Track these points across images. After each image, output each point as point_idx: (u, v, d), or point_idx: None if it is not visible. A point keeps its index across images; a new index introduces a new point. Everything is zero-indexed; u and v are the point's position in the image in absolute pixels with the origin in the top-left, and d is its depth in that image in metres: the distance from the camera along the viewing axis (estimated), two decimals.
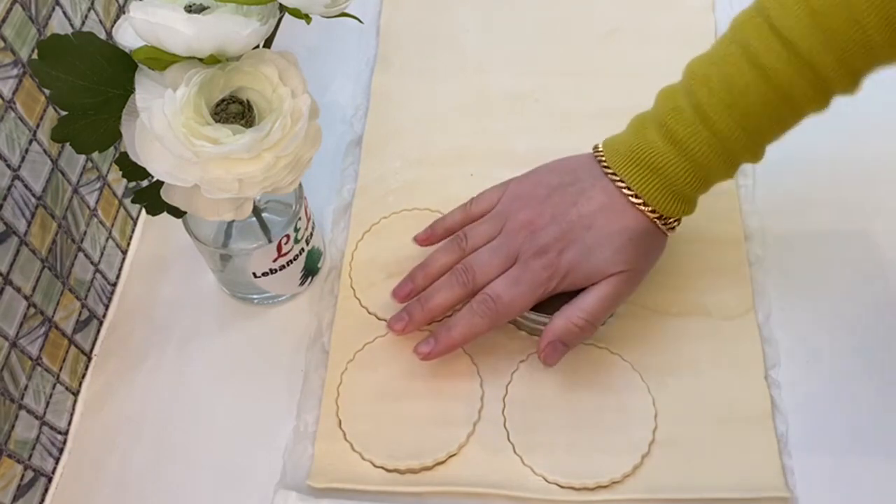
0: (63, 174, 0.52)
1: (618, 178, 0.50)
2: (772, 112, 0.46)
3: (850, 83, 0.46)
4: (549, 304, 0.51)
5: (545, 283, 0.50)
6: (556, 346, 0.50)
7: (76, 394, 0.55)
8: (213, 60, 0.41)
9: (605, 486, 0.48)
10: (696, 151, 0.47)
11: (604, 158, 0.51)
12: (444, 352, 0.51)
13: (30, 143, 0.48)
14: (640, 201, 0.49)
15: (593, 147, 0.52)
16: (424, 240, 0.56)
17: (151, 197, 0.47)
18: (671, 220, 0.50)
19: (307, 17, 0.42)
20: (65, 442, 0.53)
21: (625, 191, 0.50)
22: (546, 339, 0.50)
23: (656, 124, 0.49)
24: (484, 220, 0.53)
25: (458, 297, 0.51)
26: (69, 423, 0.54)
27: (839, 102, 0.62)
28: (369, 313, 0.56)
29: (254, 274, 0.54)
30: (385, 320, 0.55)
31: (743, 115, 0.46)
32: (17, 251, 0.47)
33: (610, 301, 0.50)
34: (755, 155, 0.49)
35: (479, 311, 0.50)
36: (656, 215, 0.50)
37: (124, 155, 0.43)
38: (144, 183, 0.47)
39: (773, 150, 0.60)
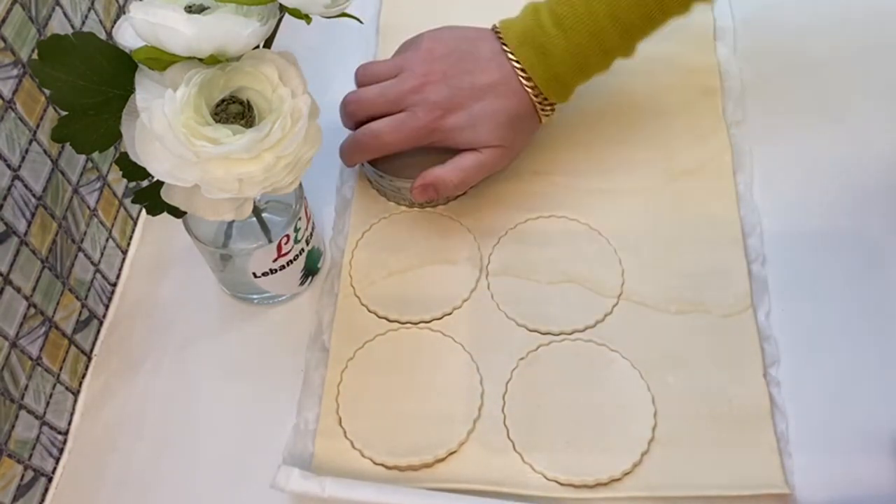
0: (63, 174, 0.52)
1: (513, 58, 0.55)
2: (644, 10, 0.53)
3: None
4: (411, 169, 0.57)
5: (424, 137, 0.56)
6: (428, 189, 0.56)
7: (76, 394, 0.55)
8: (213, 60, 0.41)
9: (604, 484, 0.48)
10: (579, 38, 0.54)
11: (503, 38, 0.56)
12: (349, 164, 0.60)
13: (30, 143, 0.48)
14: (529, 82, 0.55)
15: (492, 26, 0.58)
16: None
17: (151, 197, 0.47)
18: (548, 104, 0.56)
19: (307, 17, 0.42)
20: (65, 442, 0.53)
21: (518, 70, 0.55)
22: (421, 181, 0.56)
23: (548, 10, 0.54)
24: (385, 61, 0.59)
25: (346, 124, 0.59)
26: (69, 423, 0.54)
27: (839, 102, 0.63)
28: (369, 311, 0.56)
29: (254, 274, 0.54)
30: (386, 318, 0.55)
31: (619, 9, 0.53)
32: (18, 251, 0.47)
33: (484, 169, 0.57)
34: (628, 49, 0.55)
35: (360, 143, 0.57)
36: (539, 98, 0.56)
37: (124, 155, 0.43)
38: (144, 183, 0.47)
39: (771, 149, 0.61)
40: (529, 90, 0.55)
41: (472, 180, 0.57)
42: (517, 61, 0.55)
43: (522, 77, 0.55)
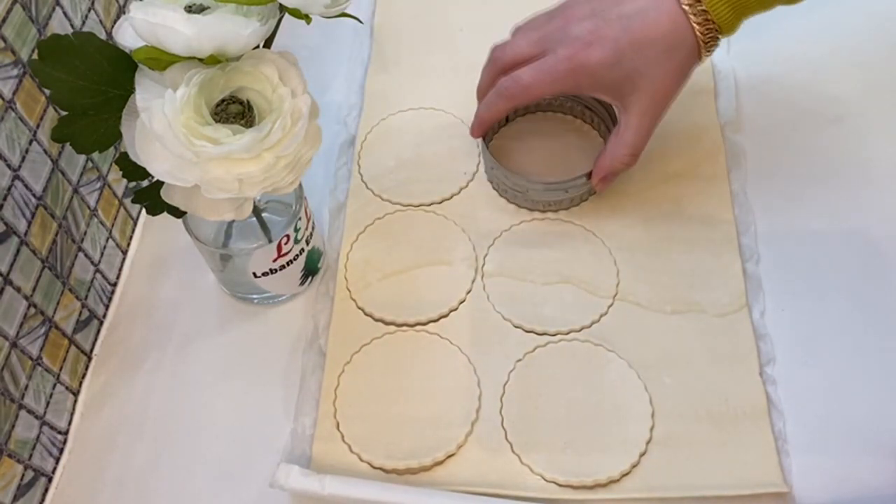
0: (63, 174, 0.52)
1: None
2: None
3: None
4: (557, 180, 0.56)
5: (567, 76, 0.51)
6: (608, 179, 0.55)
7: (76, 394, 0.55)
8: (213, 60, 0.41)
9: (603, 485, 0.48)
10: None
11: None
12: (480, 127, 0.57)
13: (30, 143, 0.48)
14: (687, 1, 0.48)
15: None
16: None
17: (151, 197, 0.47)
18: (711, 33, 0.49)
19: (307, 17, 0.42)
20: (65, 442, 0.53)
21: None
22: (598, 175, 0.55)
23: None
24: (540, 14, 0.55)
25: (491, 77, 0.55)
26: (69, 423, 0.54)
27: (834, 101, 0.63)
28: (365, 314, 0.56)
29: (254, 274, 0.54)
30: (382, 320, 0.55)
31: None
32: (18, 251, 0.47)
33: (646, 131, 0.53)
34: None
35: (499, 91, 0.54)
36: (699, 20, 0.49)
37: (124, 155, 0.43)
38: (144, 183, 0.47)
39: (765, 149, 0.61)
40: (687, 8, 0.49)
41: (643, 143, 0.53)
42: None
43: None
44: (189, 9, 0.40)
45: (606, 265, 0.56)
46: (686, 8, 0.49)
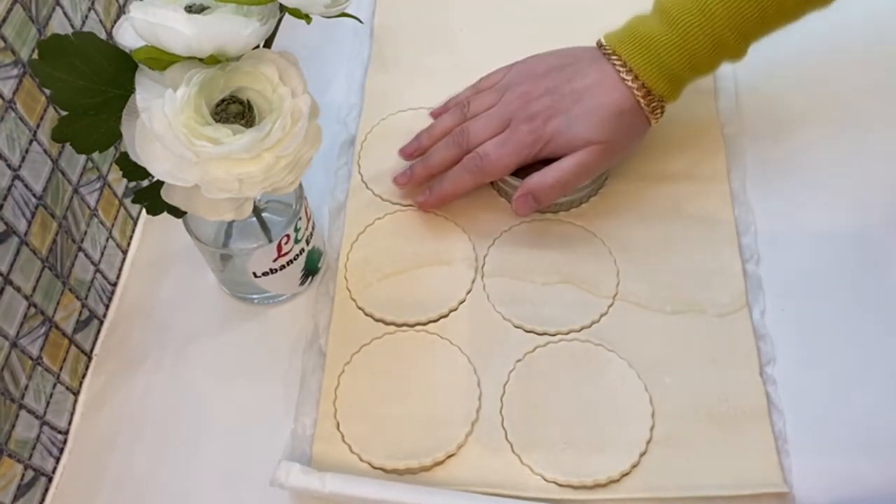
0: (63, 174, 0.52)
1: (614, 56, 0.55)
2: (759, 6, 0.52)
3: None
4: (529, 172, 0.56)
5: (529, 146, 0.55)
6: (528, 199, 0.56)
7: (76, 393, 0.55)
8: (213, 60, 0.41)
9: (603, 485, 0.48)
10: (687, 29, 0.52)
11: (604, 43, 0.56)
12: (438, 202, 0.59)
13: (30, 143, 0.48)
14: (629, 77, 0.54)
15: (596, 42, 0.58)
16: (436, 114, 0.63)
17: (151, 197, 0.47)
18: (655, 101, 0.55)
19: (307, 17, 0.42)
20: (65, 442, 0.53)
21: (617, 66, 0.55)
22: (520, 191, 0.56)
23: (657, 8, 0.55)
24: (487, 91, 0.60)
25: (454, 156, 0.58)
26: (69, 423, 0.54)
27: (834, 101, 0.63)
28: (366, 314, 0.56)
29: (254, 274, 0.54)
30: (382, 320, 0.55)
31: (733, 4, 0.52)
32: (18, 251, 0.47)
33: (583, 168, 0.55)
34: (739, 50, 0.54)
35: (467, 167, 0.57)
36: (642, 93, 0.54)
37: (124, 155, 0.43)
38: (144, 183, 0.47)
39: (765, 148, 0.61)
40: (631, 85, 0.54)
41: (573, 181, 0.56)
42: (617, 58, 0.55)
43: (622, 72, 0.54)
44: (189, 9, 0.40)
45: (606, 265, 0.56)
46: (629, 83, 0.54)
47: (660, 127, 0.58)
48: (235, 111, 0.42)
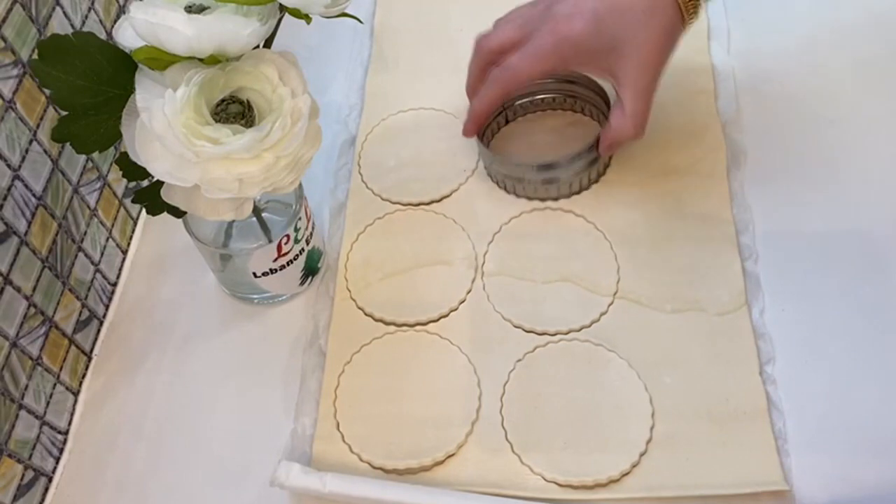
0: (63, 174, 0.52)
1: None
2: None
3: None
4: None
5: (550, 51, 0.53)
6: (613, 147, 0.56)
7: (76, 394, 0.55)
8: (213, 60, 0.41)
9: (603, 485, 0.48)
10: None
11: None
12: (474, 124, 0.58)
13: (30, 143, 0.48)
14: None
15: None
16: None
17: (151, 197, 0.47)
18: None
19: (307, 17, 0.42)
20: (65, 442, 0.53)
21: None
22: (604, 143, 0.56)
23: None
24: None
25: (494, 93, 0.56)
26: (69, 423, 0.54)
27: (833, 101, 0.63)
28: (366, 314, 0.56)
29: (254, 274, 0.54)
30: (382, 320, 0.55)
31: None
32: (18, 251, 0.47)
33: (643, 98, 0.53)
34: None
35: (491, 80, 0.55)
36: None
37: (124, 155, 0.43)
38: (144, 183, 0.47)
39: (765, 148, 0.61)
40: None
41: (646, 113, 0.54)
42: None
43: None
44: (189, 9, 0.40)
45: (607, 261, 0.56)
46: None
47: (660, 126, 0.58)
48: (235, 111, 0.42)
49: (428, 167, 0.62)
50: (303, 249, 0.55)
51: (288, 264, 0.54)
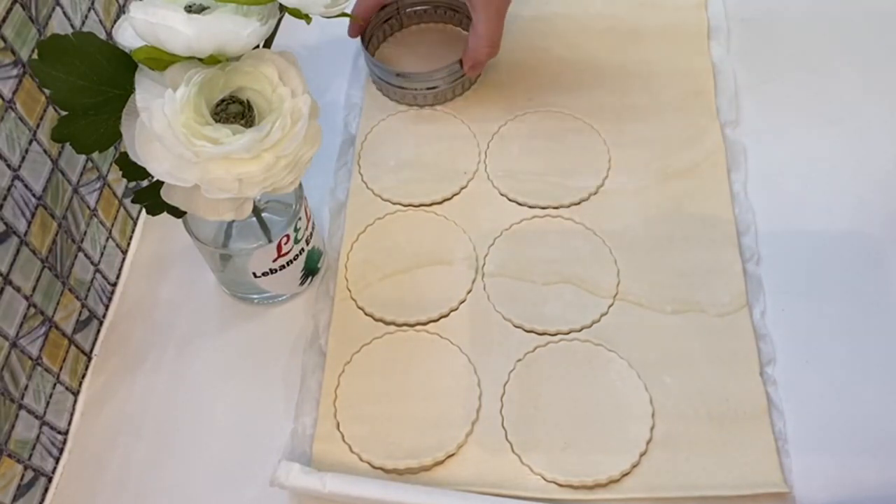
0: (63, 174, 0.52)
1: None
2: None
3: None
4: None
5: None
6: (476, 67, 0.63)
7: (76, 394, 0.55)
8: (213, 60, 0.41)
9: (603, 485, 0.48)
10: None
11: None
12: (357, 25, 0.65)
13: (30, 143, 0.48)
14: None
15: None
16: None
17: (151, 197, 0.47)
18: None
19: (307, 17, 0.42)
20: (65, 442, 0.53)
21: None
22: (467, 65, 0.63)
23: None
24: None
25: None
26: (69, 423, 0.54)
27: (834, 101, 0.63)
28: (366, 314, 0.56)
29: (254, 274, 0.54)
30: (382, 320, 0.55)
31: None
32: (18, 251, 0.47)
33: (493, 20, 0.60)
34: None
35: None
36: None
37: (124, 155, 0.43)
38: (144, 183, 0.47)
39: (765, 148, 0.61)
40: None
41: (496, 28, 0.61)
42: None
43: None
44: (189, 9, 0.40)
45: (607, 264, 0.56)
46: None
47: (661, 127, 0.58)
48: (235, 111, 0.42)
49: (428, 168, 0.62)
50: (303, 249, 0.55)
51: (288, 264, 0.54)
